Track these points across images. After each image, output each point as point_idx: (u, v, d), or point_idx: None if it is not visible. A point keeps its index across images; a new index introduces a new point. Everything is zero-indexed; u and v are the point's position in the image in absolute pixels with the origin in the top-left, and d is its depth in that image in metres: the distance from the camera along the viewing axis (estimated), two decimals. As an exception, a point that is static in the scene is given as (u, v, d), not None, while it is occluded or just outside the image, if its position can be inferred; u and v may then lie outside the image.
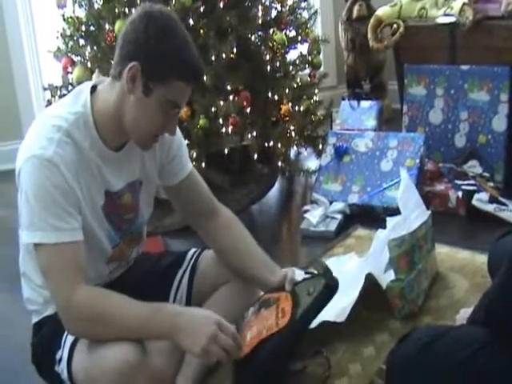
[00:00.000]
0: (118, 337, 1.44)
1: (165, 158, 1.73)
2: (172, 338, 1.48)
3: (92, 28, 3.07)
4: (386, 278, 2.02)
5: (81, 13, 3.12)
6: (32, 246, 1.48)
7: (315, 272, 1.68)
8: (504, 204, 2.69)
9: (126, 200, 1.65)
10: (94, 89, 1.57)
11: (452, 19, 3.49)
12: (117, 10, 2.96)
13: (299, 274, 1.74)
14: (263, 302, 1.68)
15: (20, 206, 1.49)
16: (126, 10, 2.95)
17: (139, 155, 1.66)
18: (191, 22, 2.94)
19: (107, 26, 2.98)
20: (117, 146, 1.59)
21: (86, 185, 1.52)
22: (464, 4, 3.40)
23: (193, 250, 1.90)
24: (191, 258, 1.87)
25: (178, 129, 1.70)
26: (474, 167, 3.06)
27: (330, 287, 1.60)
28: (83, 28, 3.09)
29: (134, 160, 1.65)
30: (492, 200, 2.72)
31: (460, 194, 2.81)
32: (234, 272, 1.80)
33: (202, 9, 2.97)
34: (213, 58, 2.95)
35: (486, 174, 2.99)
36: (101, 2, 3.12)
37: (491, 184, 2.91)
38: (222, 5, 3.00)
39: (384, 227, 2.20)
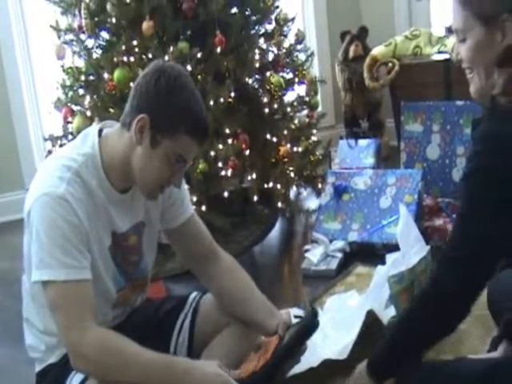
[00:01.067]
0: (127, 379, 1.45)
1: (166, 201, 1.76)
2: None
3: (91, 77, 3.13)
4: (387, 314, 2.03)
5: (80, 63, 3.19)
6: (38, 289, 1.49)
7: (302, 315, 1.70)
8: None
9: (131, 242, 1.68)
10: (100, 132, 1.61)
11: (446, 56, 3.55)
12: (115, 59, 3.02)
13: (298, 313, 1.75)
14: (257, 346, 1.69)
15: (27, 248, 1.51)
16: (125, 58, 3.01)
17: (143, 198, 1.68)
18: (189, 67, 2.99)
19: (106, 75, 3.03)
20: (123, 189, 1.62)
21: (95, 225, 1.54)
22: (457, 41, 3.46)
23: (194, 293, 1.91)
24: (192, 302, 1.87)
25: None
26: (472, 201, 3.07)
27: (306, 327, 1.61)
28: (82, 78, 3.15)
29: (138, 202, 1.68)
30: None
31: (459, 228, 2.81)
32: (234, 317, 1.80)
33: (199, 55, 3.03)
34: (211, 102, 2.99)
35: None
36: (99, 52, 3.20)
37: (490, 217, 2.91)
38: (219, 50, 3.06)
39: (384, 264, 2.21)
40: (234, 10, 3.26)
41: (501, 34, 1.35)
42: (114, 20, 3.07)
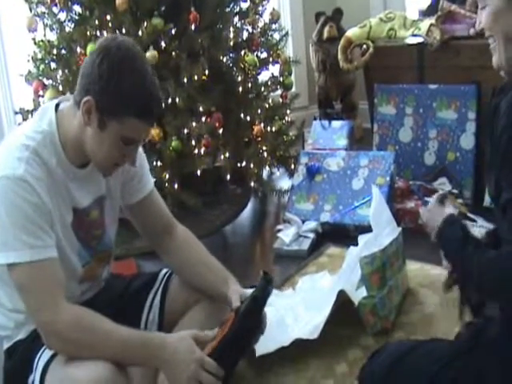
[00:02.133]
0: (100, 356, 1.44)
1: (126, 175, 1.74)
2: (155, 367, 1.52)
3: (63, 51, 3.08)
4: (358, 295, 2.04)
5: (52, 36, 3.14)
6: (4, 269, 1.47)
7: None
8: (473, 220, 2.73)
9: (93, 216, 1.67)
10: (58, 106, 1.59)
11: (420, 40, 3.56)
12: (88, 33, 2.99)
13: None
14: (221, 323, 1.68)
15: None
16: (98, 33, 2.97)
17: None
18: (163, 44, 2.97)
19: (79, 50, 2.99)
20: (82, 163, 1.60)
21: (57, 202, 1.53)
22: (431, 25, 3.47)
23: (164, 270, 1.91)
24: (162, 279, 1.87)
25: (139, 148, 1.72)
26: (443, 184, 3.11)
27: (254, 298, 1.60)
28: (54, 51, 3.10)
29: (98, 176, 1.66)
30: (461, 216, 2.75)
31: (430, 210, 2.84)
32: (195, 289, 1.81)
33: (173, 31, 3.00)
34: (185, 79, 2.97)
35: (455, 191, 3.03)
36: (72, 26, 3.15)
37: (460, 200, 2.95)
38: (193, 27, 3.03)
39: (356, 245, 2.22)
40: (210, -14, 3.23)
41: None
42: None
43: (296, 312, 2.14)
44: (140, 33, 2.91)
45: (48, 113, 1.57)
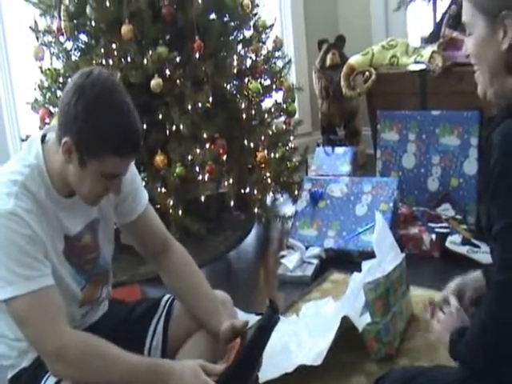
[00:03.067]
0: (106, 382, 1.46)
1: (117, 197, 1.74)
2: None
3: (69, 80, 3.11)
4: (362, 321, 2.04)
5: (58, 65, 3.18)
6: (3, 304, 1.48)
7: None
8: (477, 246, 2.74)
9: (85, 241, 1.67)
10: (44, 137, 1.60)
11: (422, 66, 3.59)
12: (94, 62, 3.02)
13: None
14: (226, 348, 1.68)
15: None
16: (104, 61, 3.01)
17: None
18: (168, 72, 3.00)
19: (84, 78, 3.02)
20: (70, 193, 1.61)
21: (48, 232, 1.54)
22: (433, 52, 3.51)
23: (167, 295, 1.91)
24: (165, 305, 1.87)
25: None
26: (446, 210, 3.11)
27: (261, 328, 1.60)
28: (61, 80, 3.14)
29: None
30: (465, 242, 2.76)
31: (434, 236, 2.85)
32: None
33: (178, 59, 3.04)
34: (189, 107, 3.00)
35: (458, 217, 3.04)
36: (78, 54, 3.19)
37: (464, 226, 2.95)
38: (197, 55, 3.07)
39: (360, 271, 2.22)
40: (213, 15, 3.27)
41: (502, 31, 1.33)
42: (93, 23, 3.07)
43: (300, 338, 2.14)
44: (145, 61, 2.95)
45: (34, 145, 1.58)
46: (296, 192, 3.51)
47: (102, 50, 3.03)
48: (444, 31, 3.67)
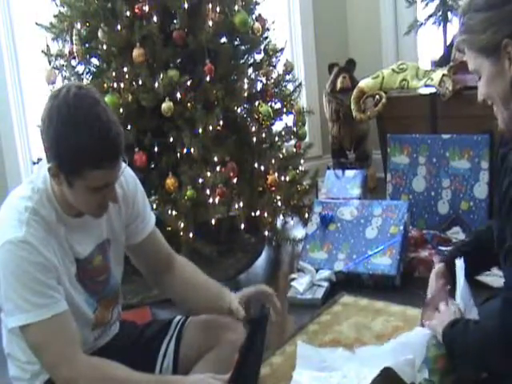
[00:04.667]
0: None
1: (129, 216, 1.76)
2: None
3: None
4: (419, 377, 1.82)
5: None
6: (17, 329, 1.49)
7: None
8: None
9: (97, 262, 1.68)
10: None
11: (432, 90, 3.60)
12: (105, 85, 3.05)
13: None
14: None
15: (1, 295, 1.51)
16: (115, 84, 3.03)
17: (105, 215, 1.68)
18: (179, 95, 3.02)
19: (96, 101, 3.05)
20: (78, 212, 1.62)
21: (60, 256, 1.55)
22: (444, 75, 3.52)
23: (178, 317, 1.92)
24: (176, 326, 1.88)
25: (137, 181, 1.77)
26: (457, 233, 3.11)
27: (252, 320, 1.66)
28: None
29: (99, 220, 1.68)
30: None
31: (444, 260, 2.83)
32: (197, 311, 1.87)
33: (189, 83, 3.06)
34: (200, 130, 3.02)
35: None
36: (90, 78, 3.23)
37: (475, 250, 2.93)
38: (208, 78, 3.09)
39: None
40: (224, 39, 3.30)
41: (507, 59, 1.38)
42: (104, 47, 3.10)
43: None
44: (156, 84, 2.98)
45: (42, 170, 1.60)
46: (306, 215, 3.51)
47: (114, 74, 3.05)
48: (454, 55, 3.69)
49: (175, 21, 3.13)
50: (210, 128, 3.03)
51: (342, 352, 2.16)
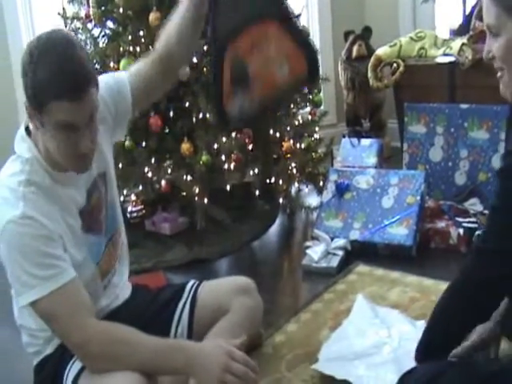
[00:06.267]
0: (134, 366, 1.47)
1: (117, 115, 1.76)
2: (186, 373, 1.54)
3: (97, 66, 3.11)
4: None
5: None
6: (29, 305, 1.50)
7: None
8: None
9: (94, 201, 1.67)
10: (28, 128, 1.59)
11: (451, 59, 3.55)
12: (121, 49, 3.02)
13: None
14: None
15: (9, 277, 1.51)
16: (131, 48, 3.00)
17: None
18: (194, 60, 2.99)
19: (112, 64, 3.02)
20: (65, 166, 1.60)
21: (63, 218, 1.54)
22: (463, 44, 3.47)
23: (192, 281, 1.92)
24: (190, 291, 1.88)
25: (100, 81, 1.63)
26: (474, 205, 3.08)
27: None
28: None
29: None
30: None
31: (461, 231, 2.81)
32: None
33: (205, 47, 3.02)
34: (216, 95, 2.98)
35: (486, 212, 3.00)
36: (106, 41, 3.19)
37: (492, 221, 2.91)
38: (225, 44, 3.05)
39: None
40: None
41: None
42: (121, 10, 3.06)
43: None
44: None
45: (23, 140, 1.57)
46: (321, 183, 3.49)
47: (130, 37, 3.02)
48: (474, 23, 3.62)
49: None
50: (226, 94, 3.00)
51: (396, 314, 2.18)
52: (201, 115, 2.99)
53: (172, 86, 1.91)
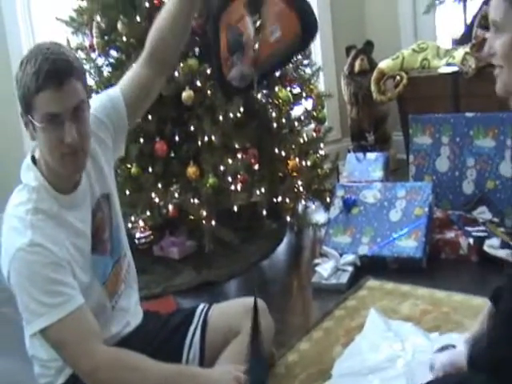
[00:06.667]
0: None
1: (115, 131, 1.77)
2: None
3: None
4: None
5: (91, 81, 3.20)
6: (38, 334, 1.50)
7: None
8: (515, 249, 2.68)
9: (98, 221, 1.69)
10: (34, 157, 1.62)
11: (455, 69, 3.55)
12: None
13: None
14: None
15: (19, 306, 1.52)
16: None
17: (95, 167, 1.70)
18: (199, 83, 3.00)
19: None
20: (73, 185, 1.62)
21: (71, 243, 1.56)
22: (466, 53, 3.47)
23: (202, 305, 1.92)
24: (200, 315, 1.88)
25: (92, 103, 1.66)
26: (483, 213, 3.05)
27: None
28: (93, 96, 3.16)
29: (90, 182, 1.68)
30: (504, 245, 2.70)
31: (471, 240, 2.79)
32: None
33: (208, 71, 3.04)
34: (220, 117, 3.00)
35: (495, 220, 2.98)
36: (110, 70, 3.21)
37: (502, 229, 2.89)
38: (227, 66, 3.06)
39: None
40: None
41: None
42: (124, 38, 3.08)
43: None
44: (176, 73, 2.96)
45: (29, 169, 1.60)
46: (328, 199, 3.48)
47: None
48: (476, 32, 3.62)
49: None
50: (231, 115, 3.01)
51: (410, 326, 2.17)
52: (206, 138, 3.00)
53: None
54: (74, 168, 1.58)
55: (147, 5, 3.03)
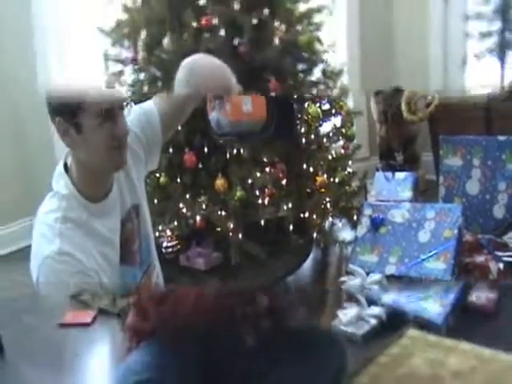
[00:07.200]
0: None
1: (150, 142, 1.80)
2: None
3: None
4: None
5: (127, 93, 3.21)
6: None
7: None
8: (548, 275, 2.63)
9: (128, 232, 1.69)
10: (66, 165, 1.62)
11: (487, 90, 3.52)
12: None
13: None
14: None
15: None
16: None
17: (126, 178, 1.70)
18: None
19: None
20: (103, 192, 1.62)
21: (99, 252, 1.56)
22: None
23: None
24: None
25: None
26: (513, 238, 3.01)
27: None
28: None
29: (121, 190, 1.68)
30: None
31: (501, 265, 2.75)
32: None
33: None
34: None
35: (526, 246, 2.94)
36: (148, 85, 3.21)
37: (532, 255, 2.85)
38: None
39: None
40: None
41: None
42: (168, 55, 3.08)
43: None
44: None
45: (61, 177, 1.60)
46: (355, 217, 3.46)
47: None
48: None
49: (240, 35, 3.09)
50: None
51: None
52: (234, 151, 3.00)
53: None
54: (121, 161, 1.60)
55: (195, 25, 3.04)
